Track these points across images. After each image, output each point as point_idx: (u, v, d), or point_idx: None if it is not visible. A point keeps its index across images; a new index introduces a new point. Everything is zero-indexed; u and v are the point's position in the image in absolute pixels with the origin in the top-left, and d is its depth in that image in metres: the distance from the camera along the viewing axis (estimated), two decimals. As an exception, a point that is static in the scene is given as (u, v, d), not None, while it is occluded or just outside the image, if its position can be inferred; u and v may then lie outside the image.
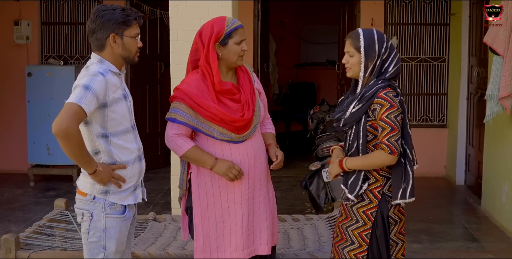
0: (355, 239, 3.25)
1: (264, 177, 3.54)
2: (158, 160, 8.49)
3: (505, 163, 5.92)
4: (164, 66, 8.55)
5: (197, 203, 3.47)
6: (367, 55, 3.19)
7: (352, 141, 3.25)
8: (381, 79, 3.20)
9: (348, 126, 3.25)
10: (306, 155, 8.65)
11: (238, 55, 3.42)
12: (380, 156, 3.15)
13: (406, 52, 8.09)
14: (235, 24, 3.43)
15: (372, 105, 3.16)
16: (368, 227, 3.22)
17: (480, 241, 5.71)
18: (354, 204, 3.26)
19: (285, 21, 11.32)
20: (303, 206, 6.68)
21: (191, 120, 3.39)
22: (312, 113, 6.54)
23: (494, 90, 5.64)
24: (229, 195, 3.44)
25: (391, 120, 3.13)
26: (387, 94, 3.14)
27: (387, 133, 3.13)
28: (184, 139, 3.42)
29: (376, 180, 3.24)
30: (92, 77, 3.02)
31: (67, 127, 2.89)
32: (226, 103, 3.40)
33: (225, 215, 3.45)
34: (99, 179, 3.08)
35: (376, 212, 3.22)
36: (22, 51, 8.16)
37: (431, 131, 8.04)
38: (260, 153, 3.51)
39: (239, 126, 3.39)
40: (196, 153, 3.40)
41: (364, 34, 3.21)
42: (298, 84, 11.57)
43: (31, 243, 4.16)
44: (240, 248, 3.45)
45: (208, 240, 3.46)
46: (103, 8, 3.13)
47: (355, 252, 3.25)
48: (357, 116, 3.20)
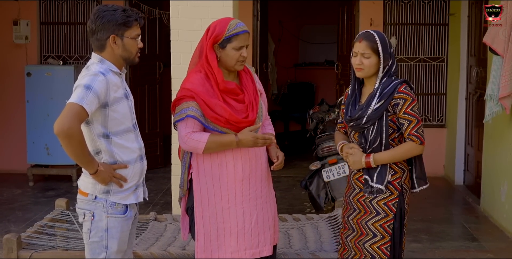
0: (377, 232, 3.35)
1: (265, 178, 3.55)
2: (157, 160, 8.49)
3: (504, 163, 5.93)
4: (163, 66, 8.55)
5: (198, 203, 3.47)
6: (385, 56, 3.36)
7: (374, 137, 3.37)
8: (391, 76, 3.38)
9: (371, 123, 3.37)
10: (305, 155, 8.67)
11: (236, 61, 3.38)
12: (411, 147, 3.33)
13: (405, 52, 8.10)
14: (237, 30, 3.36)
15: (393, 100, 3.33)
16: (390, 218, 3.35)
17: (480, 241, 5.72)
18: (373, 198, 3.36)
19: (284, 21, 11.33)
20: (303, 206, 6.69)
21: (201, 116, 3.32)
22: (311, 113, 6.55)
23: (493, 90, 5.65)
24: (230, 196, 3.44)
25: (415, 112, 3.33)
26: (406, 89, 3.34)
27: (415, 125, 3.32)
28: (198, 133, 3.33)
29: (396, 172, 3.38)
30: (93, 77, 3.03)
31: (69, 127, 2.90)
32: (231, 103, 3.36)
33: (225, 215, 3.44)
34: (100, 179, 3.09)
35: (397, 203, 3.35)
36: (21, 51, 8.15)
37: (430, 131, 8.00)
38: (261, 153, 3.52)
39: (242, 127, 3.36)
40: (216, 139, 3.31)
41: (378, 36, 3.37)
42: (296, 84, 11.57)
43: (32, 242, 4.16)
44: (242, 248, 3.45)
45: (209, 240, 3.46)
46: (104, 8, 3.13)
47: (378, 245, 3.35)
48: (380, 112, 3.34)
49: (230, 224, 3.44)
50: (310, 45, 11.63)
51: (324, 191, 5.84)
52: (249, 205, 3.45)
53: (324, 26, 11.15)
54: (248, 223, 3.45)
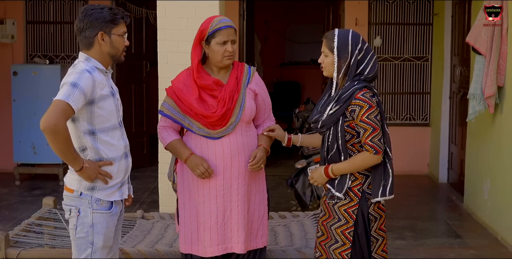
0: (338, 238, 3.28)
1: (243, 176, 3.56)
2: (144, 159, 8.51)
3: (487, 161, 6.01)
4: (149, 65, 8.57)
5: (181, 196, 3.61)
6: (339, 55, 3.23)
7: (332, 142, 3.29)
8: (356, 80, 3.23)
9: (326, 128, 3.28)
10: (291, 154, 8.69)
11: (222, 56, 3.50)
12: (366, 158, 3.20)
13: (390, 52, 8.17)
14: (220, 25, 3.48)
15: (350, 107, 3.19)
16: (350, 225, 3.26)
17: (463, 238, 5.79)
18: (335, 203, 3.29)
19: (270, 20, 11.38)
20: (289, 204, 6.73)
21: (175, 114, 3.54)
22: (297, 111, 6.60)
23: (476, 89, 5.72)
24: (205, 190, 3.53)
25: (372, 120, 3.17)
26: (365, 95, 3.18)
27: (370, 133, 3.18)
28: (168, 132, 3.59)
29: (356, 178, 3.28)
30: (79, 74, 3.07)
31: (55, 124, 2.94)
32: (205, 99, 3.51)
33: (201, 209, 3.54)
34: (86, 176, 3.12)
35: (357, 210, 3.25)
36: (7, 50, 8.14)
37: (414, 130, 8.13)
38: (240, 152, 3.54)
39: (212, 122, 3.48)
40: (175, 146, 3.55)
41: (338, 35, 3.26)
42: (282, 83, 11.63)
43: (20, 241, 4.18)
44: (215, 243, 3.54)
45: (190, 232, 3.57)
46: (91, 7, 3.20)
47: (339, 251, 3.28)
48: (334, 117, 3.23)
49: (204, 219, 3.54)
50: (296, 44, 11.68)
51: (310, 189, 5.90)
52: (222, 201, 3.52)
53: (310, 25, 11.20)
54: (221, 218, 3.53)
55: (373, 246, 3.31)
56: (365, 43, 3.28)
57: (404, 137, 7.91)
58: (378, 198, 3.24)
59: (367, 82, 3.24)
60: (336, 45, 3.23)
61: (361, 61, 3.24)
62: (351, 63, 3.23)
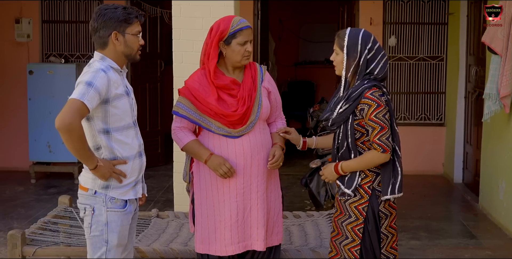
0: (349, 234, 3.32)
1: (262, 174, 3.58)
2: (158, 157, 8.54)
3: (502, 161, 5.97)
4: (164, 64, 8.59)
5: (197, 196, 3.58)
6: (348, 54, 3.27)
7: (342, 141, 3.33)
8: (366, 79, 3.26)
9: (336, 126, 3.33)
10: (305, 153, 8.62)
11: (241, 56, 3.51)
12: (374, 156, 3.24)
13: (405, 51, 8.14)
14: (240, 25, 3.49)
15: (359, 105, 3.23)
16: (360, 222, 3.29)
17: (478, 238, 5.77)
18: (346, 199, 3.33)
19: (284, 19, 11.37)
20: (303, 203, 6.73)
21: (192, 114, 3.52)
22: (312, 111, 6.60)
23: (492, 89, 5.69)
24: (225, 189, 3.53)
25: (380, 119, 3.21)
26: (373, 94, 3.21)
27: (378, 132, 3.21)
28: (185, 133, 3.55)
29: (366, 176, 3.31)
30: (95, 73, 3.09)
31: (69, 122, 2.96)
32: (224, 98, 3.50)
33: (220, 208, 3.53)
34: (100, 174, 3.14)
35: (367, 207, 3.29)
36: (23, 49, 8.20)
37: (429, 130, 8.10)
38: (259, 150, 3.56)
39: (233, 121, 3.48)
40: (193, 147, 3.52)
41: (349, 33, 3.29)
42: (297, 83, 11.61)
43: (36, 239, 4.21)
44: (236, 241, 3.53)
45: (207, 232, 3.55)
46: (105, 7, 3.21)
47: (349, 247, 3.33)
48: (344, 116, 3.28)
49: (224, 218, 3.53)
50: (311, 43, 11.66)
51: (324, 188, 5.88)
52: (242, 199, 3.53)
53: (325, 24, 11.18)
54: (241, 216, 3.53)
55: (383, 243, 3.34)
56: (376, 43, 3.30)
57: (419, 137, 7.89)
58: (387, 196, 3.27)
59: (377, 81, 3.27)
60: (346, 44, 3.27)
61: (370, 61, 3.27)
62: (360, 62, 3.26)
